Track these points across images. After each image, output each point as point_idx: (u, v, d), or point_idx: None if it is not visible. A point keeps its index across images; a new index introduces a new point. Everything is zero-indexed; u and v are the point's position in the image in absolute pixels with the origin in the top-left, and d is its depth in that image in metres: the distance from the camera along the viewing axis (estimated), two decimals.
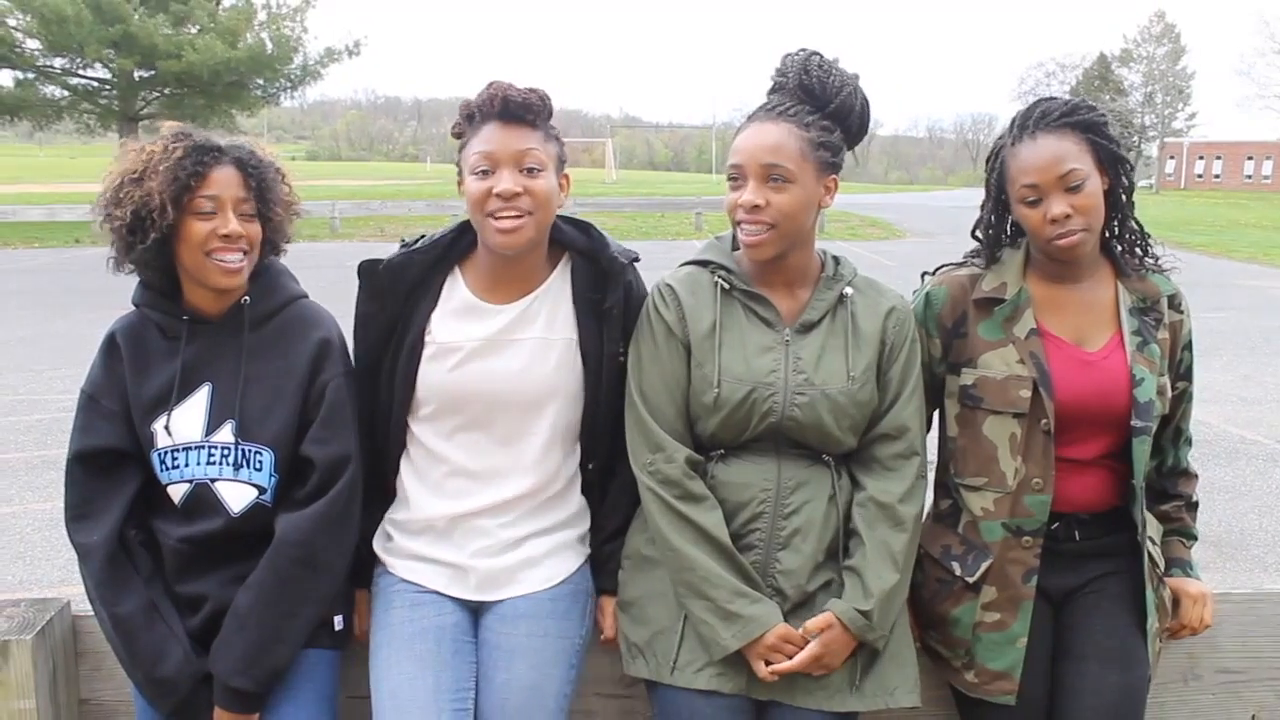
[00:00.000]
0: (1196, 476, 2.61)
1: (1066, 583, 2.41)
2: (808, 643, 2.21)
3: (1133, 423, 2.32)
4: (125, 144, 2.31)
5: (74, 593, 2.49)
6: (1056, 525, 2.37)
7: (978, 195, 2.53)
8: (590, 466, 2.45)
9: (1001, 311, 2.39)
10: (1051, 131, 2.33)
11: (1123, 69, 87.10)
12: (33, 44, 31.53)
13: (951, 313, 2.44)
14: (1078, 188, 2.29)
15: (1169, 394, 2.41)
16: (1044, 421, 2.31)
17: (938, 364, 2.44)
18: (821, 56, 2.31)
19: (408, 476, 2.43)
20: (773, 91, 2.34)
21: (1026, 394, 2.32)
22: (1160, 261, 2.47)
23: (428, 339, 2.35)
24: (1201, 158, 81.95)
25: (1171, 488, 2.57)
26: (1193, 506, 2.60)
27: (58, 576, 5.68)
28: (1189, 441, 2.57)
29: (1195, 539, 2.62)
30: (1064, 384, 2.33)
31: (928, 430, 2.43)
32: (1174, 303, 2.44)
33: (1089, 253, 2.38)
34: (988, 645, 2.37)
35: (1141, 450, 2.32)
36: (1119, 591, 2.38)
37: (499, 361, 2.33)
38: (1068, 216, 2.28)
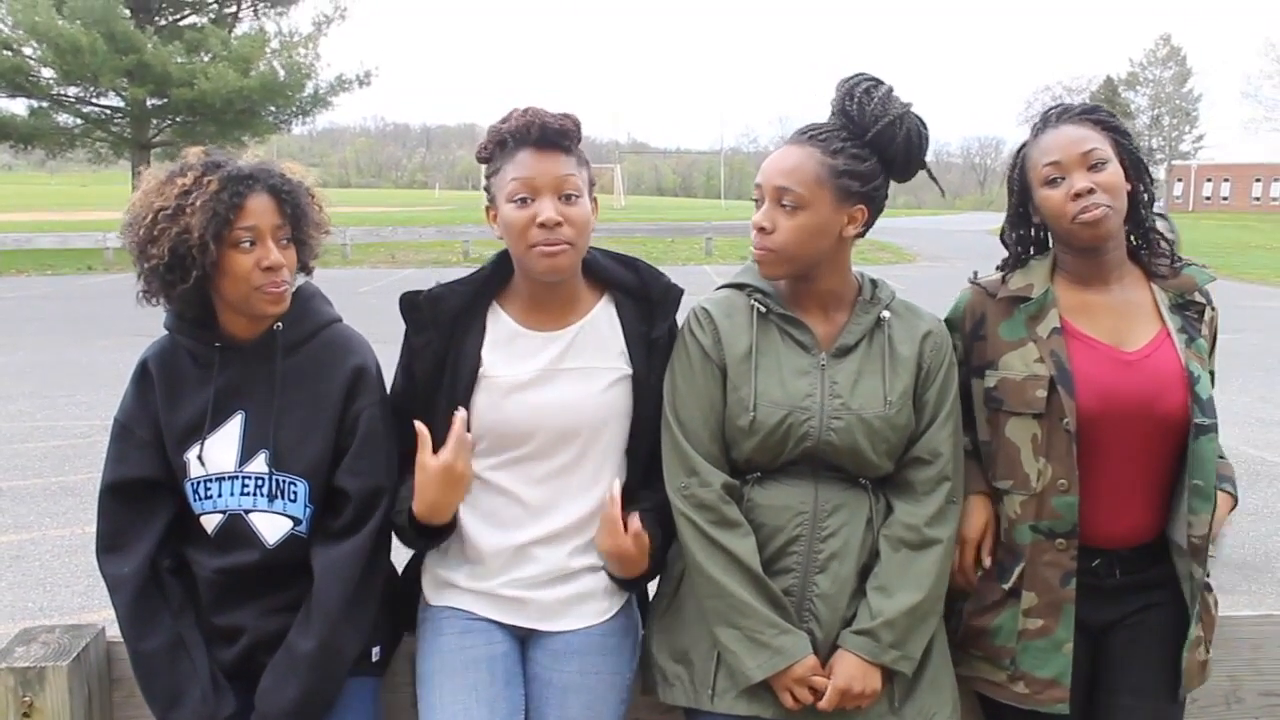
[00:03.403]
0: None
1: (1107, 616, 2.37)
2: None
3: (1197, 420, 2.25)
4: (149, 173, 2.26)
5: (95, 619, 2.49)
6: (1098, 562, 2.33)
7: (985, 219, 2.53)
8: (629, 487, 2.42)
9: (1026, 309, 2.37)
10: (1074, 122, 2.35)
11: (1129, 92, 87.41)
12: (47, 73, 31.80)
13: (970, 316, 2.44)
14: (1100, 166, 2.29)
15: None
16: (1065, 420, 2.27)
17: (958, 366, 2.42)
18: (872, 84, 2.29)
19: (466, 513, 2.37)
20: (830, 115, 2.33)
21: (1043, 394, 2.29)
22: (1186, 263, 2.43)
23: (481, 372, 2.33)
24: (1209, 180, 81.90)
25: None
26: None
27: (77, 603, 5.68)
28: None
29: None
30: (1090, 384, 2.29)
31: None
32: (1206, 295, 2.41)
33: (1114, 239, 2.34)
34: (1034, 653, 2.33)
35: (1210, 449, 2.26)
36: (1159, 624, 2.34)
37: (554, 391, 2.32)
38: (1090, 191, 2.26)
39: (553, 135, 2.24)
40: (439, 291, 2.34)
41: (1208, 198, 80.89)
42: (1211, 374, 2.40)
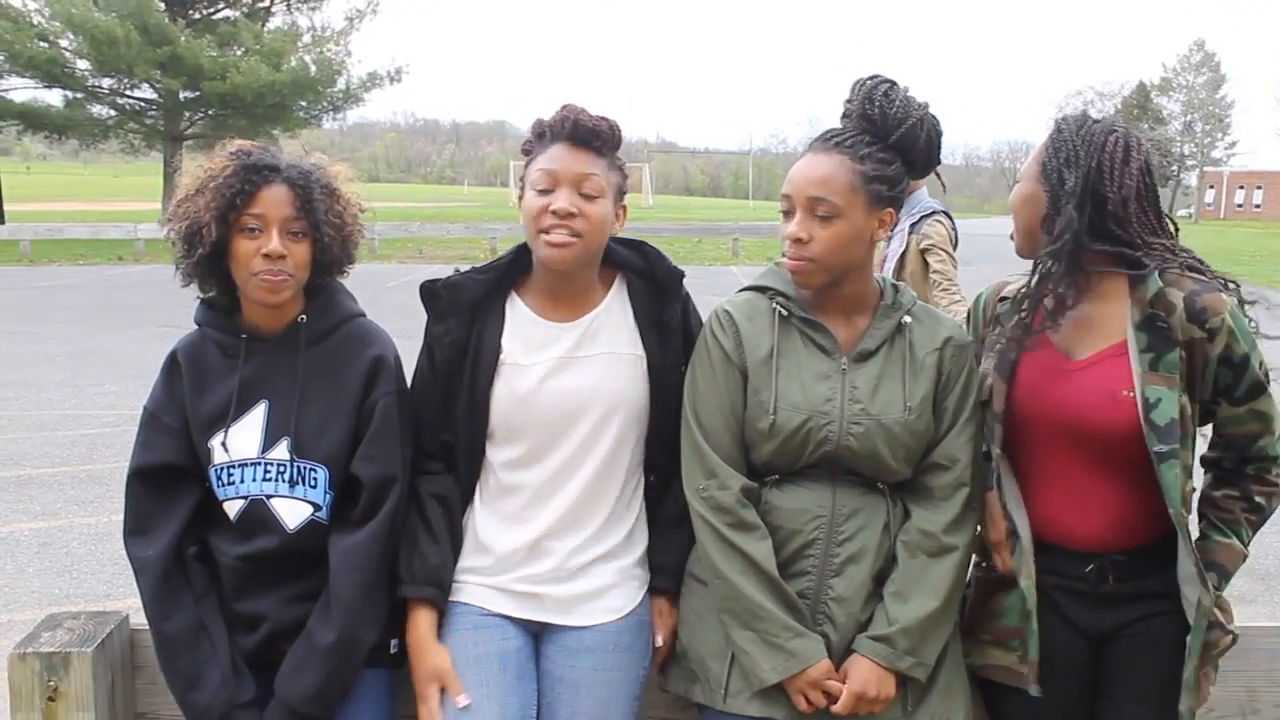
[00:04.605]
0: (1277, 487, 2.36)
1: (1105, 622, 2.34)
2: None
3: (1155, 449, 2.19)
4: (195, 159, 2.35)
5: (120, 606, 2.52)
6: (1091, 568, 2.32)
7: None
8: (652, 478, 2.46)
9: (1003, 308, 2.41)
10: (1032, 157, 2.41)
11: (1162, 98, 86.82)
12: (83, 64, 32.14)
13: (984, 317, 2.48)
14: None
15: (1191, 413, 2.25)
16: (996, 403, 2.30)
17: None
18: (890, 85, 2.29)
19: (480, 505, 2.43)
20: (843, 118, 2.34)
21: (989, 381, 2.33)
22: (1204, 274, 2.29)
23: (502, 359, 2.37)
24: (1242, 187, 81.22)
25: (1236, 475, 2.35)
26: (1255, 508, 2.36)
27: (103, 590, 5.73)
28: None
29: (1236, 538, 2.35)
30: (1025, 383, 2.30)
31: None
32: (1199, 318, 2.21)
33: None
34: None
35: (1171, 476, 2.20)
36: (1163, 633, 2.30)
37: (571, 378, 2.35)
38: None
39: (584, 133, 2.31)
40: (457, 279, 2.39)
41: (1240, 205, 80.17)
42: (1234, 388, 2.26)
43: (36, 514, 7.06)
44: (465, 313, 2.38)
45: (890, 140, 2.26)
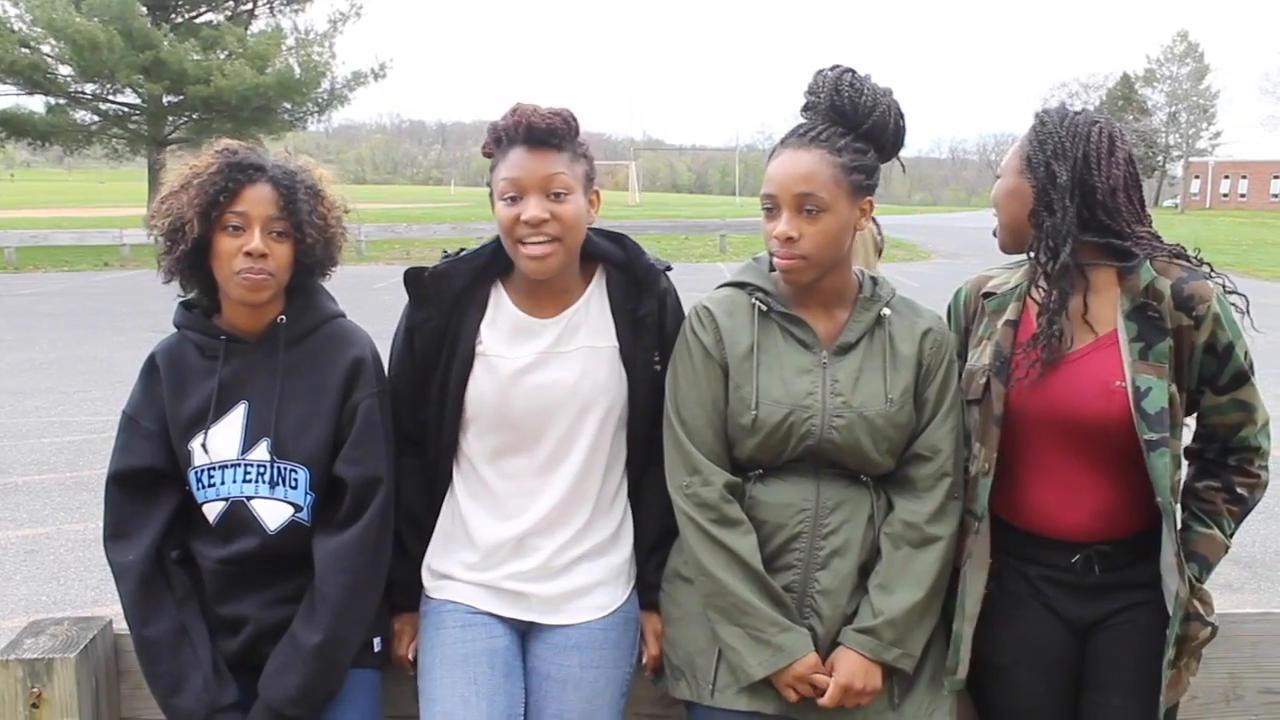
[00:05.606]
0: (1259, 479, 2.37)
1: (1091, 613, 2.34)
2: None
3: (1145, 436, 2.19)
4: (183, 158, 2.34)
5: (109, 613, 2.52)
6: (1077, 559, 2.32)
7: None
8: (630, 474, 2.46)
9: (989, 304, 2.40)
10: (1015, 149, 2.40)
11: (1146, 89, 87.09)
12: (65, 70, 31.96)
13: (965, 312, 2.47)
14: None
15: (1180, 402, 2.25)
16: (996, 406, 2.29)
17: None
18: (854, 74, 2.29)
19: (464, 500, 2.43)
20: (805, 110, 2.33)
21: (984, 380, 2.31)
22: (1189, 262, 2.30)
23: (479, 350, 2.37)
24: (1227, 177, 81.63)
25: (1217, 466, 2.36)
26: (1236, 499, 2.37)
27: (91, 596, 5.73)
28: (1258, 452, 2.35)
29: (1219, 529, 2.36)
30: (1018, 381, 2.29)
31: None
32: (1186, 305, 2.22)
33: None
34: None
35: (1161, 464, 2.20)
36: (1149, 623, 2.30)
37: (550, 374, 2.35)
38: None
39: (540, 134, 2.27)
40: (444, 269, 2.38)
41: (1225, 195, 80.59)
42: (1218, 376, 2.26)
43: (23, 521, 7.04)
44: (447, 302, 2.37)
45: (862, 130, 2.27)
